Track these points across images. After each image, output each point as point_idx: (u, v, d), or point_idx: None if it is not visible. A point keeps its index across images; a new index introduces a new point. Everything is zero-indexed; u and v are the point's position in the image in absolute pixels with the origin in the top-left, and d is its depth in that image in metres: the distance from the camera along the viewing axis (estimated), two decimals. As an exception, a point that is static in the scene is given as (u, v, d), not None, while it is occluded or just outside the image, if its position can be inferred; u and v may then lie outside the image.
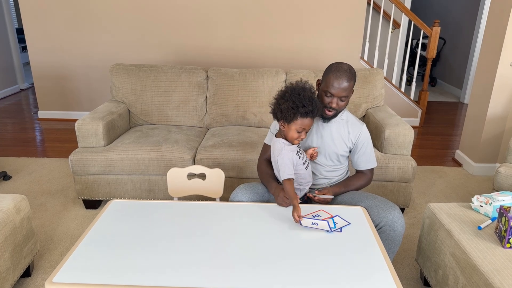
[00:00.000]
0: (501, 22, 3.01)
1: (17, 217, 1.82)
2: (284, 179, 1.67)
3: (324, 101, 1.77)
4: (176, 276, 1.26)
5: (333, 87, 1.73)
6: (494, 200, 1.73)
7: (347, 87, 1.73)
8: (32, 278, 2.01)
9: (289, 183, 1.66)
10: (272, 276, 1.26)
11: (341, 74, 1.72)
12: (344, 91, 1.73)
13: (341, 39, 4.24)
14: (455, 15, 6.29)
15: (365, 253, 1.39)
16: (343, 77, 1.72)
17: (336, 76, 1.72)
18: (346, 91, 1.74)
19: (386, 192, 2.56)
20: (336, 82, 1.72)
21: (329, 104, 1.76)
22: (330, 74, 1.74)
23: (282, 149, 1.71)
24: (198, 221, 1.58)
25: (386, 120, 2.65)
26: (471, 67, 5.58)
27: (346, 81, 1.72)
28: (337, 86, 1.72)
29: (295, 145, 1.75)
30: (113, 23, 4.20)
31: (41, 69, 4.39)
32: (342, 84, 1.72)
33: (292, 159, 1.71)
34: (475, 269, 1.46)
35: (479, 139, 3.28)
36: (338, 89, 1.73)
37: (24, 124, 4.40)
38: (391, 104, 4.49)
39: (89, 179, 2.56)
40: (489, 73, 3.15)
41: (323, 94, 1.78)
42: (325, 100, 1.77)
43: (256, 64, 4.33)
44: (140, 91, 2.96)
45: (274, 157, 1.78)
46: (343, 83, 1.72)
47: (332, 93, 1.74)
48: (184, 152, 2.53)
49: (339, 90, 1.73)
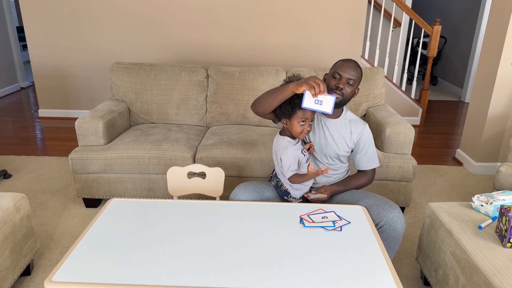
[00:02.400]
0: (502, 21, 3.00)
1: (17, 215, 1.82)
2: (290, 176, 1.72)
3: (331, 83, 1.78)
4: (176, 275, 1.25)
5: (342, 69, 1.76)
6: (494, 200, 1.72)
7: (355, 74, 1.76)
8: (32, 276, 2.01)
9: (295, 176, 1.71)
10: (272, 275, 1.26)
11: (350, 61, 1.79)
12: (352, 75, 1.76)
13: (342, 38, 4.23)
14: (456, 14, 6.28)
15: (365, 252, 1.39)
16: (352, 63, 1.78)
17: (345, 61, 1.79)
18: (354, 76, 1.76)
19: (387, 191, 2.56)
20: (345, 65, 1.77)
21: (336, 85, 1.76)
22: (340, 61, 1.80)
23: (287, 148, 1.73)
24: (198, 220, 1.57)
25: (386, 119, 2.65)
26: (472, 66, 5.57)
27: (355, 67, 1.77)
28: (346, 69, 1.76)
29: (299, 143, 1.76)
30: (114, 21, 4.19)
31: (41, 68, 4.39)
32: (351, 68, 1.76)
33: (298, 157, 1.74)
34: (475, 268, 1.46)
35: (479, 138, 3.27)
36: (347, 72, 1.76)
37: (25, 123, 4.40)
38: (391, 103, 4.49)
39: (89, 178, 2.56)
40: (490, 72, 3.15)
41: (330, 77, 1.80)
42: (332, 82, 1.78)
43: (256, 63, 4.32)
44: (140, 89, 2.96)
45: (278, 155, 1.77)
46: (352, 67, 1.77)
47: (340, 74, 1.76)
48: (184, 151, 2.53)
49: (348, 73, 1.76)
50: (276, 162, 1.84)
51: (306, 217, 1.59)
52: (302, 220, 1.57)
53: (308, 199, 1.82)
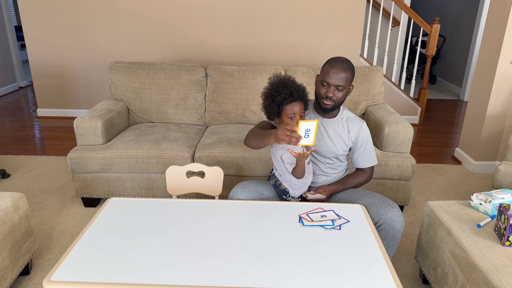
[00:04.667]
0: (501, 20, 3.00)
1: (15, 215, 1.82)
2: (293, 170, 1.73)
3: (321, 92, 1.77)
4: (175, 274, 1.25)
5: (329, 76, 1.72)
6: (493, 198, 1.73)
7: (343, 77, 1.72)
8: (30, 276, 2.01)
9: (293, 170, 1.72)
10: (271, 274, 1.26)
11: (337, 64, 1.72)
12: (340, 80, 1.72)
13: (341, 37, 4.23)
14: (455, 13, 6.28)
15: (364, 251, 1.39)
16: (338, 66, 1.71)
17: (332, 66, 1.72)
18: (343, 80, 1.72)
19: (386, 190, 2.56)
20: (331, 71, 1.72)
21: (325, 94, 1.75)
22: (327, 65, 1.75)
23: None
24: (197, 219, 1.57)
25: (385, 118, 2.65)
26: (471, 65, 5.58)
27: (342, 70, 1.71)
28: (333, 75, 1.71)
29: None
30: (112, 21, 4.18)
31: (40, 67, 4.38)
32: (338, 73, 1.71)
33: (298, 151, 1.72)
34: (474, 267, 1.46)
35: (478, 137, 3.27)
36: (334, 78, 1.71)
37: (23, 122, 4.39)
38: (390, 101, 4.49)
39: (88, 177, 2.56)
40: (488, 71, 3.15)
41: (319, 84, 1.78)
42: (322, 90, 1.76)
43: (255, 62, 4.32)
44: (139, 88, 2.95)
45: (277, 152, 1.77)
46: (339, 72, 1.71)
47: (328, 82, 1.73)
48: (183, 150, 2.52)
49: (335, 79, 1.71)
50: (274, 162, 1.84)
51: (305, 216, 1.59)
52: (301, 219, 1.57)
53: (307, 199, 1.81)
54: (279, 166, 1.81)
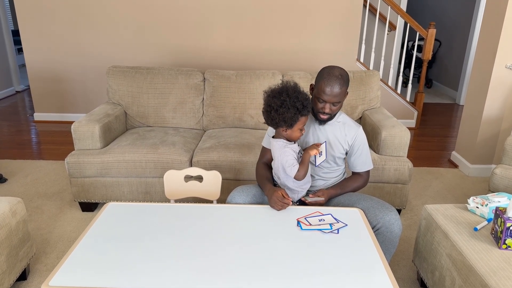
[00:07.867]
0: (496, 24, 3.03)
1: (12, 220, 1.81)
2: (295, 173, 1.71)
3: (317, 107, 1.79)
4: (173, 279, 1.25)
5: (325, 94, 1.74)
6: (490, 201, 1.74)
7: (339, 93, 1.74)
8: (28, 281, 2.00)
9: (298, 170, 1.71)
10: (269, 278, 1.26)
11: (332, 81, 1.72)
12: (336, 97, 1.74)
13: (337, 41, 4.26)
14: (450, 17, 6.33)
15: (362, 255, 1.39)
16: (334, 84, 1.72)
17: (328, 83, 1.72)
18: (338, 97, 1.74)
19: (383, 193, 2.57)
20: (327, 88, 1.72)
21: (322, 109, 1.78)
22: (322, 81, 1.74)
23: (285, 146, 1.73)
24: (195, 223, 1.57)
25: (382, 121, 2.66)
26: (467, 69, 5.61)
27: (338, 87, 1.72)
28: (329, 93, 1.73)
29: (296, 144, 1.77)
30: (110, 25, 4.19)
31: (37, 71, 4.37)
32: (333, 91, 1.72)
33: (296, 157, 1.73)
34: (471, 270, 1.47)
35: (474, 140, 3.29)
36: (330, 96, 1.73)
37: (20, 127, 4.38)
38: (387, 105, 4.51)
39: (85, 182, 2.55)
40: (484, 75, 3.17)
41: (316, 100, 1.79)
42: (318, 105, 1.79)
43: (252, 66, 4.34)
44: (137, 93, 2.95)
45: (276, 156, 1.77)
46: (335, 89, 1.72)
47: (325, 100, 1.75)
48: (181, 154, 2.53)
49: (331, 96, 1.74)
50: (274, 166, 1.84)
51: (303, 220, 1.60)
52: (299, 223, 1.57)
53: (306, 202, 1.82)
54: (278, 170, 1.82)
